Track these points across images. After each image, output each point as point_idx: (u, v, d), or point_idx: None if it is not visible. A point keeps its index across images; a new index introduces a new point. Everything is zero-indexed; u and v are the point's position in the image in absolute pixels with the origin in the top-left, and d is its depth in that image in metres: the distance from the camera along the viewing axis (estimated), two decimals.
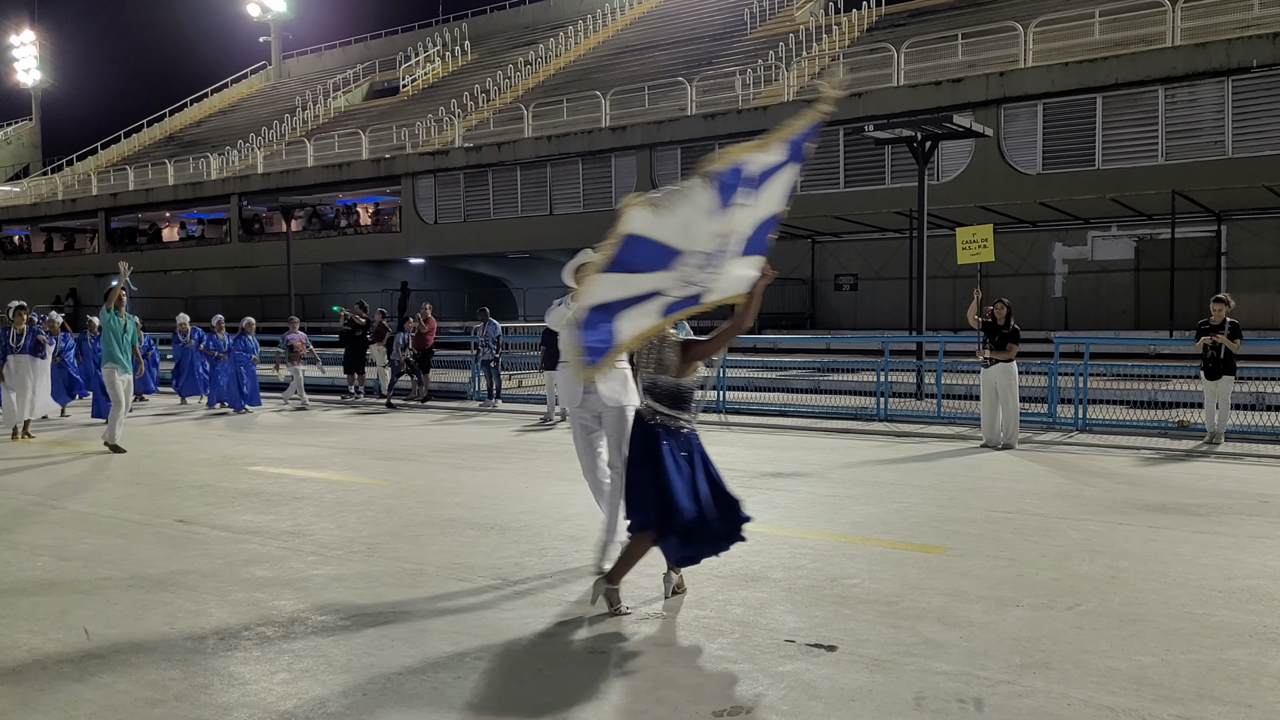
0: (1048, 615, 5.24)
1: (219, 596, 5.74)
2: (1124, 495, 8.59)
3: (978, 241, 13.32)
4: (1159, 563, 6.27)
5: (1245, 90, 22.79)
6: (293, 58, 60.17)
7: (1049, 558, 6.44)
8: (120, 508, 8.43)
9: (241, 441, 12.91)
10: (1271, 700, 4.10)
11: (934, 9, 34.54)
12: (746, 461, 10.68)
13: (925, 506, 8.19)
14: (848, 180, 27.81)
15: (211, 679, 4.47)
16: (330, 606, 5.50)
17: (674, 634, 5.01)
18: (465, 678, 4.44)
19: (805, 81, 31.10)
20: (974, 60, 27.66)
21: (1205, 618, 5.18)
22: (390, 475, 10.06)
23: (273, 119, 48.79)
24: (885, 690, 4.25)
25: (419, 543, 7.02)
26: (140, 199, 44.70)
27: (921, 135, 16.31)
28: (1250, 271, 23.03)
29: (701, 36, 40.19)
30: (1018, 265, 24.77)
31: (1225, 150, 22.96)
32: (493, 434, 13.56)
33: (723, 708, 4.08)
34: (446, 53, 50.66)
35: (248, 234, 41.69)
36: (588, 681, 4.40)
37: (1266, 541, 6.84)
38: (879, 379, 14.94)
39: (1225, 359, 11.57)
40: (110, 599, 5.72)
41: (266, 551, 6.80)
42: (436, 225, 35.92)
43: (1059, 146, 25.01)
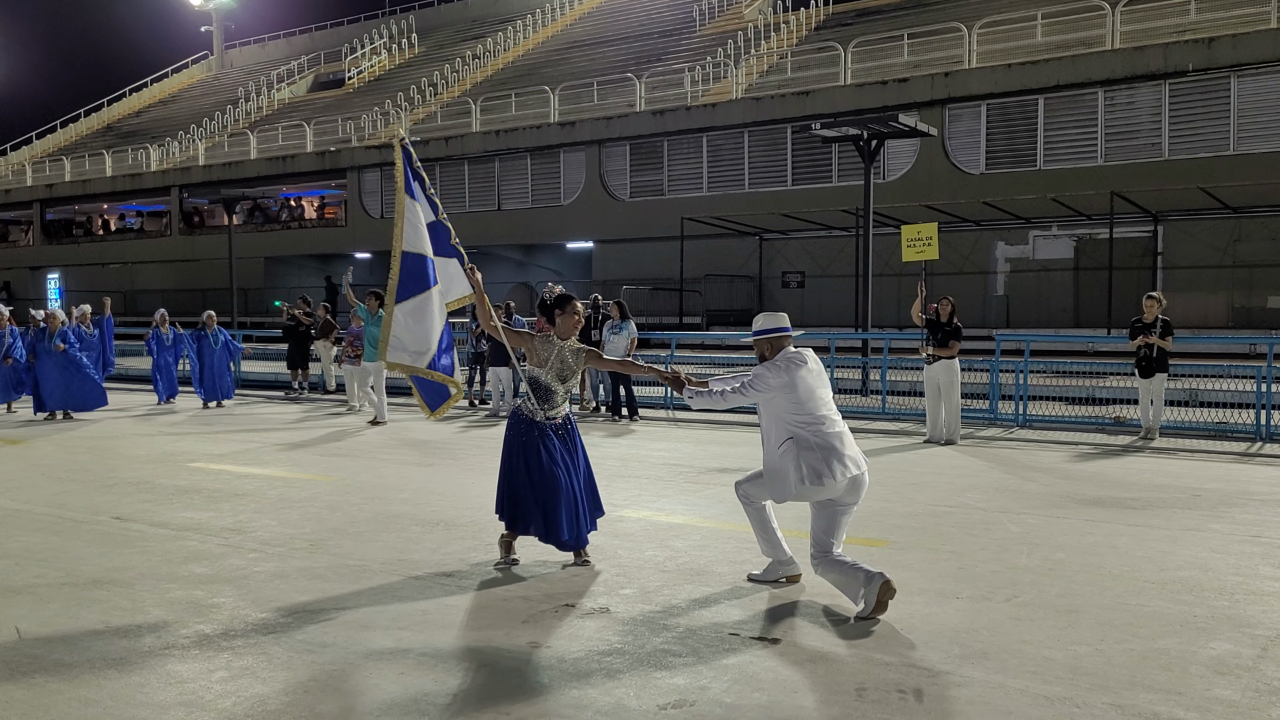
0: (987, 607, 5.33)
1: (156, 594, 5.63)
2: (1062, 489, 8.76)
3: (922, 240, 13.49)
4: (1095, 555, 6.41)
5: (1181, 94, 23.33)
6: (235, 48, 59.13)
7: (989, 551, 6.55)
8: (55, 505, 8.25)
9: (182, 438, 12.69)
10: (1200, 688, 4.21)
11: (880, 9, 34.89)
12: (694, 457, 10.72)
13: (869, 501, 8.25)
14: (795, 178, 28.01)
15: (148, 678, 4.39)
16: (271, 603, 5.43)
17: (619, 628, 5.01)
18: (408, 674, 4.41)
19: (753, 79, 31.26)
20: (919, 60, 27.99)
21: (1139, 608, 5.30)
22: (334, 471, 9.95)
23: (215, 110, 47.93)
24: (827, 681, 4.30)
25: (363, 539, 6.96)
26: (77, 190, 43.72)
27: (868, 134, 16.47)
28: (1185, 271, 23.59)
29: (650, 33, 40.20)
30: (961, 264, 25.14)
31: (1162, 152, 23.49)
32: (439, 430, 13.47)
33: (668, 701, 4.09)
34: (393, 45, 50.12)
35: (188, 227, 40.96)
36: (532, 676, 4.39)
37: (1198, 534, 7.02)
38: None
39: (1158, 357, 11.84)
40: (44, 597, 5.59)
41: (206, 549, 6.69)
42: (383, 219, 35.56)
43: (1002, 147, 25.41)
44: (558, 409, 6.15)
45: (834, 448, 5.31)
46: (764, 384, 5.42)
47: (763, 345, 5.65)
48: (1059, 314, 24.78)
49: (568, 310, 6.18)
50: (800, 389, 5.38)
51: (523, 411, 6.14)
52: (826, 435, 5.34)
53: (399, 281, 6.24)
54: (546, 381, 6.09)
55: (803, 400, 5.38)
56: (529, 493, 5.99)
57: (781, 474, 5.35)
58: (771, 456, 5.45)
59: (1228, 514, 7.69)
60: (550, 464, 5.99)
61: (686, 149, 29.78)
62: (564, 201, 32.05)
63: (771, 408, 5.44)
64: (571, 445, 6.18)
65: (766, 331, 5.65)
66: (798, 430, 5.34)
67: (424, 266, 6.27)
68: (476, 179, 33.56)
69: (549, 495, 5.95)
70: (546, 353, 6.09)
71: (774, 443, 5.43)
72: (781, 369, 5.42)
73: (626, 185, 30.87)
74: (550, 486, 5.95)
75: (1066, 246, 25.29)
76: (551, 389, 6.11)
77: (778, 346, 5.62)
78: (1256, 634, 4.89)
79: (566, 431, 6.19)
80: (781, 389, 5.38)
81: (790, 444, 5.34)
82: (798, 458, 5.30)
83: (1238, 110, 22.78)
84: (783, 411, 5.39)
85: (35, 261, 45.71)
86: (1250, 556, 6.37)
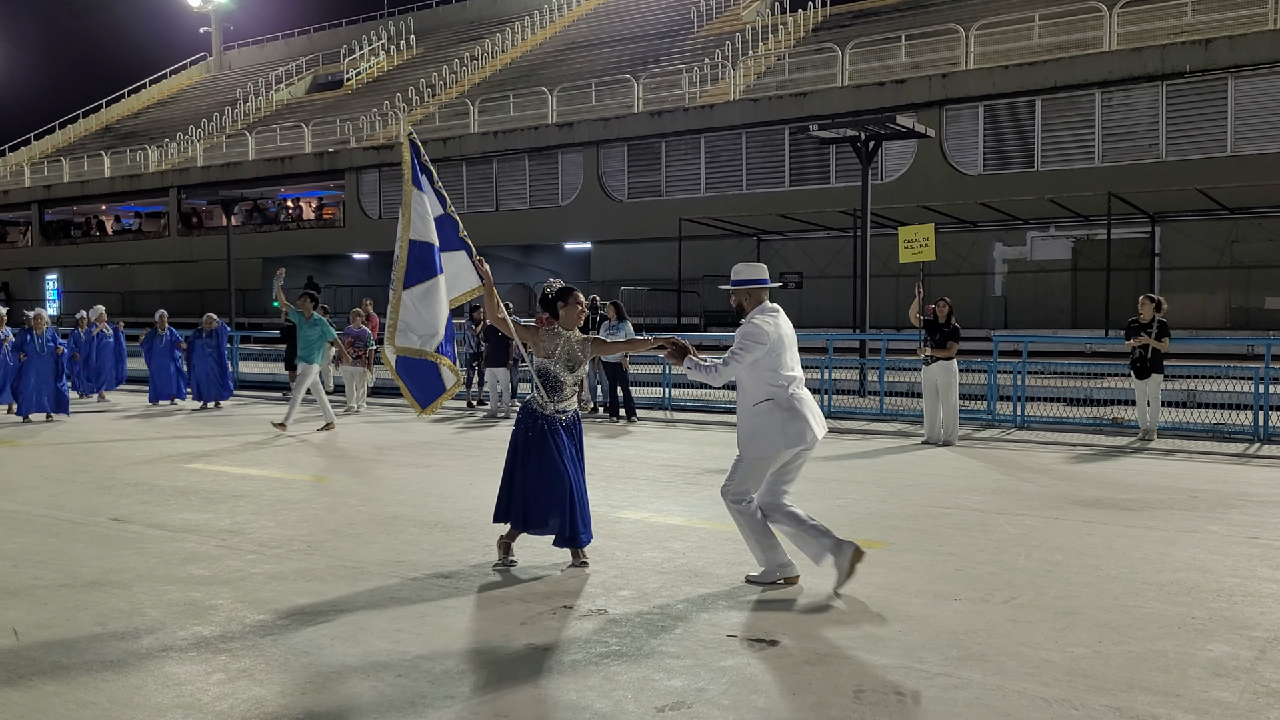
0: (985, 608, 5.33)
1: (154, 596, 5.63)
2: (1060, 491, 8.76)
3: (919, 241, 13.50)
4: (1093, 556, 6.41)
5: (1178, 95, 23.35)
6: (234, 49, 59.11)
7: (987, 552, 6.54)
8: (53, 506, 8.24)
9: (179, 439, 12.68)
10: (1198, 690, 4.21)
11: (878, 10, 34.91)
12: (691, 458, 10.72)
13: (867, 502, 8.29)
14: (793, 179, 28.02)
15: (146, 680, 4.38)
16: (269, 605, 5.43)
17: (617, 630, 5.01)
18: (406, 676, 4.40)
19: (751, 80, 31.27)
20: (917, 62, 28.01)
21: (1136, 610, 5.30)
22: (332, 473, 9.94)
23: (213, 111, 47.90)
24: (825, 683, 4.29)
25: (360, 540, 6.95)
26: (75, 191, 43.68)
27: (865, 135, 16.48)
28: (1182, 272, 23.61)
29: (649, 34, 40.21)
30: (959, 265, 25.15)
31: (1159, 153, 23.51)
32: (437, 431, 13.47)
33: (665, 703, 4.09)
34: (391, 46, 50.12)
35: (187, 228, 40.94)
36: (529, 678, 4.38)
37: (1196, 535, 7.02)
38: (823, 376, 15.07)
39: (1154, 358, 11.86)
40: (41, 599, 5.58)
41: (204, 550, 6.68)
42: (381, 220, 35.57)
43: (999, 148, 25.43)
44: (567, 401, 6.17)
45: (809, 409, 5.59)
46: (748, 354, 5.50)
47: (741, 295, 5.73)
48: (1057, 315, 24.79)
49: (570, 301, 6.21)
50: (780, 353, 5.54)
51: (532, 405, 6.15)
52: (801, 397, 5.59)
53: (406, 268, 6.29)
54: (555, 372, 6.10)
55: (782, 363, 5.56)
56: (540, 490, 5.99)
57: (766, 431, 5.50)
58: (749, 413, 5.57)
59: (1225, 515, 7.70)
60: (560, 459, 6.01)
61: (684, 150, 29.79)
62: (562, 202, 32.05)
63: (753, 367, 5.56)
64: (578, 444, 6.20)
65: (746, 282, 5.71)
66: (777, 392, 5.52)
67: (431, 254, 6.34)
68: (474, 180, 33.56)
69: (561, 491, 5.98)
70: (553, 344, 6.12)
71: (751, 399, 5.56)
72: (762, 337, 5.50)
73: (624, 186, 30.88)
74: (562, 483, 5.98)
75: (1064, 247, 25.31)
76: (560, 379, 6.12)
77: (756, 299, 5.71)
78: (1254, 635, 4.89)
79: (574, 429, 6.21)
80: (766, 354, 5.52)
81: (770, 405, 5.51)
82: (780, 418, 5.49)
83: (1235, 111, 22.81)
84: (763, 371, 5.53)
85: (33, 262, 45.68)
86: (1248, 558, 6.37)
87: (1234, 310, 23.27)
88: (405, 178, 6.39)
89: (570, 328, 6.21)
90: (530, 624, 5.12)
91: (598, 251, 31.56)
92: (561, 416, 6.14)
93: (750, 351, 5.50)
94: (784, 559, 5.77)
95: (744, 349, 5.51)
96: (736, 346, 5.54)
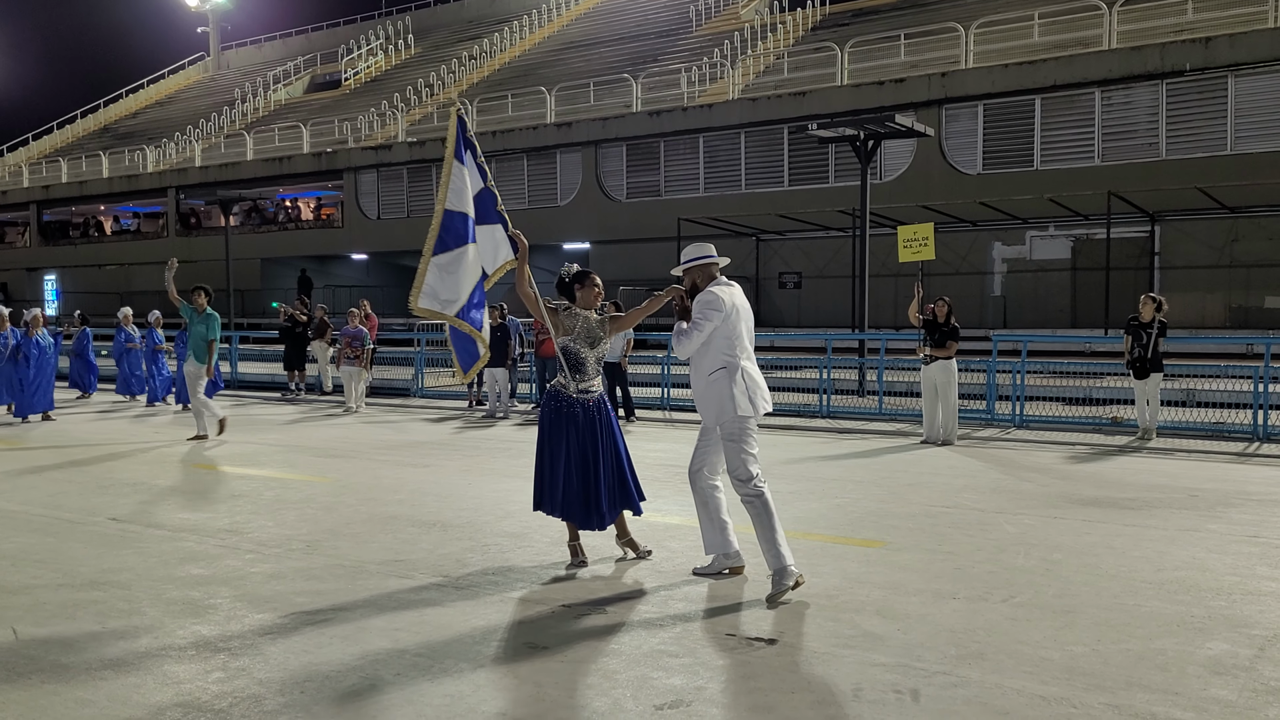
0: (983, 607, 5.32)
1: (153, 595, 5.62)
2: (1059, 490, 8.76)
3: (919, 240, 13.49)
4: (1091, 555, 6.41)
5: (1178, 94, 23.34)
6: (232, 49, 59.06)
7: (985, 551, 6.54)
8: (51, 505, 8.23)
9: (177, 439, 12.67)
10: (1197, 688, 4.21)
11: (877, 9, 34.89)
12: (689, 458, 10.69)
13: (866, 502, 8.28)
14: (792, 179, 28.00)
15: (145, 678, 4.38)
16: (267, 605, 5.42)
17: (615, 629, 5.01)
18: (404, 675, 4.40)
19: (750, 80, 31.26)
20: (916, 61, 28.00)
21: (1135, 608, 5.30)
22: (331, 472, 9.94)
23: (211, 111, 47.88)
24: (824, 682, 4.29)
25: (359, 540, 6.95)
26: (74, 191, 43.64)
27: (864, 135, 16.47)
28: (1182, 271, 23.61)
29: (647, 33, 40.19)
30: (958, 264, 25.14)
31: (1159, 152, 23.49)
32: (436, 430, 13.46)
33: (664, 701, 4.09)
34: (389, 46, 50.09)
35: (185, 228, 40.90)
36: (528, 677, 4.38)
37: (1195, 534, 7.02)
38: (822, 376, 15.07)
39: (1153, 357, 11.87)
40: (40, 598, 5.58)
41: (202, 549, 6.68)
42: (379, 220, 35.56)
43: (999, 147, 25.42)
44: (590, 381, 6.25)
45: (759, 382, 5.78)
46: (708, 322, 5.64)
47: (694, 274, 5.86)
48: (1056, 314, 24.79)
49: (587, 284, 6.34)
50: (736, 323, 5.71)
51: (557, 387, 6.27)
52: (752, 370, 5.78)
53: (438, 237, 6.48)
54: (577, 349, 6.23)
55: (737, 333, 5.72)
56: (570, 480, 6.07)
57: (722, 395, 5.65)
58: (706, 384, 5.72)
59: (1225, 514, 7.70)
60: (585, 445, 6.11)
61: (683, 149, 29.77)
62: (560, 202, 32.04)
63: (709, 338, 5.71)
64: (605, 425, 6.24)
65: (696, 259, 5.85)
66: (729, 360, 5.68)
67: (465, 224, 6.51)
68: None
69: (587, 479, 6.08)
70: (573, 323, 6.25)
71: (705, 370, 5.72)
72: (718, 304, 5.65)
73: (623, 186, 30.87)
74: (587, 471, 6.08)
75: (1064, 247, 25.30)
76: (582, 356, 6.23)
77: (709, 275, 5.84)
78: (1253, 634, 4.89)
79: (601, 410, 6.25)
80: (722, 322, 5.67)
81: (723, 373, 5.67)
82: (735, 384, 5.64)
83: (1235, 110, 22.79)
84: (719, 341, 5.68)
85: (32, 263, 45.64)
86: (1247, 556, 6.37)
87: (1233, 309, 23.27)
88: (448, 150, 6.53)
89: (588, 308, 6.33)
90: (528, 623, 5.11)
91: (596, 251, 31.54)
92: (586, 398, 6.20)
93: (709, 320, 5.65)
94: (732, 549, 5.93)
95: (703, 317, 5.65)
96: (696, 315, 5.69)
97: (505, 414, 15.33)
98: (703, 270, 5.85)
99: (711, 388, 5.70)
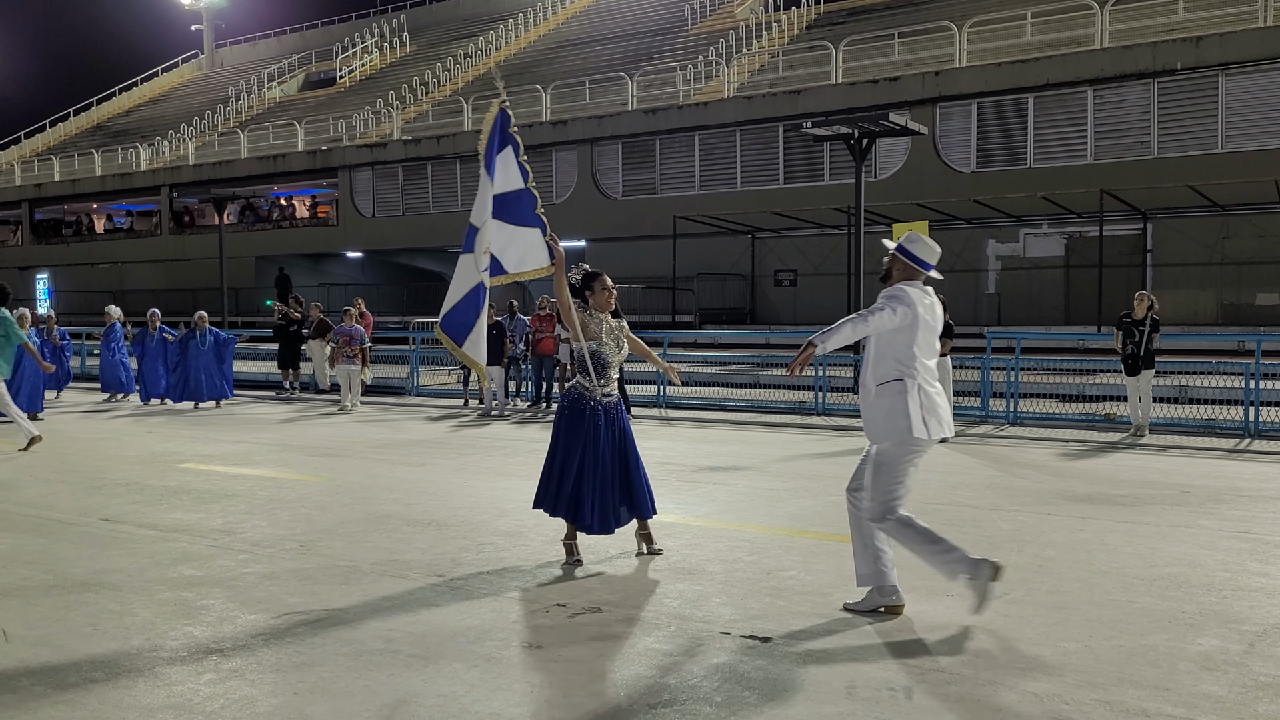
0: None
1: (145, 596, 5.61)
2: (1052, 486, 8.78)
3: None
4: (1084, 552, 6.42)
5: (1170, 92, 23.39)
6: (226, 47, 58.93)
7: (979, 548, 6.52)
8: (43, 506, 8.21)
9: (171, 438, 12.65)
10: (1188, 684, 4.22)
11: (871, 8, 34.91)
12: (686, 456, 10.72)
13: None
14: (787, 177, 28.02)
15: (136, 680, 4.37)
16: (261, 605, 5.42)
17: (610, 628, 5.01)
18: (398, 675, 4.40)
19: (745, 78, 31.26)
20: (910, 59, 28.02)
21: (1127, 605, 5.32)
22: (325, 471, 9.93)
23: (205, 109, 47.75)
24: (817, 680, 4.30)
25: (353, 539, 6.94)
26: (67, 190, 43.53)
27: (859, 133, 16.46)
28: (1174, 269, 23.67)
29: (643, 31, 40.17)
30: (952, 262, 25.16)
31: (1151, 150, 23.54)
32: (431, 429, 13.45)
33: (657, 700, 4.09)
34: (385, 44, 50.00)
35: (179, 226, 40.83)
36: (523, 677, 4.38)
37: (1187, 530, 7.04)
38: (817, 374, 15.08)
39: (1145, 354, 11.90)
40: (31, 600, 5.57)
41: (195, 550, 6.67)
42: (374, 218, 35.52)
43: (992, 145, 25.45)
44: (611, 385, 6.24)
45: (938, 403, 5.13)
46: (888, 315, 5.02)
47: (897, 264, 5.28)
48: (1050, 311, 24.84)
49: (597, 287, 6.28)
50: (919, 333, 5.10)
51: (578, 389, 6.22)
52: (931, 389, 5.13)
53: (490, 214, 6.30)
54: (605, 353, 6.18)
55: (918, 344, 5.11)
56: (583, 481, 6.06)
57: (894, 411, 5.03)
58: (875, 394, 5.12)
59: (1216, 510, 7.72)
60: (599, 447, 6.09)
61: (678, 148, 29.77)
62: (556, 200, 31.99)
63: (885, 339, 5.12)
64: (620, 427, 6.23)
65: (912, 258, 5.25)
66: (906, 373, 5.08)
67: (470, 236, 6.29)
68: (468, 178, 33.44)
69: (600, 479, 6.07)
70: (597, 326, 6.20)
71: (877, 377, 5.13)
72: (908, 301, 5.07)
73: (619, 184, 30.87)
74: (602, 471, 6.07)
75: (1057, 244, 25.35)
76: (609, 360, 6.21)
77: (908, 274, 5.26)
78: (1244, 630, 4.91)
79: (617, 413, 6.25)
80: (904, 329, 5.07)
81: (898, 385, 5.06)
82: (910, 398, 5.02)
83: (1226, 108, 22.85)
84: (898, 348, 5.09)
85: (24, 262, 45.51)
86: (1238, 552, 6.39)
87: (1225, 306, 23.34)
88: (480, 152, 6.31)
89: (603, 310, 6.28)
90: (523, 622, 5.11)
91: (592, 249, 31.52)
92: (608, 401, 6.21)
93: (891, 312, 5.01)
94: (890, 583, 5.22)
95: (883, 308, 5.04)
96: (876, 306, 5.10)
97: (501, 412, 15.32)
98: (906, 268, 5.26)
99: (881, 400, 5.10)
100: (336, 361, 16.44)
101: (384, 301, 34.78)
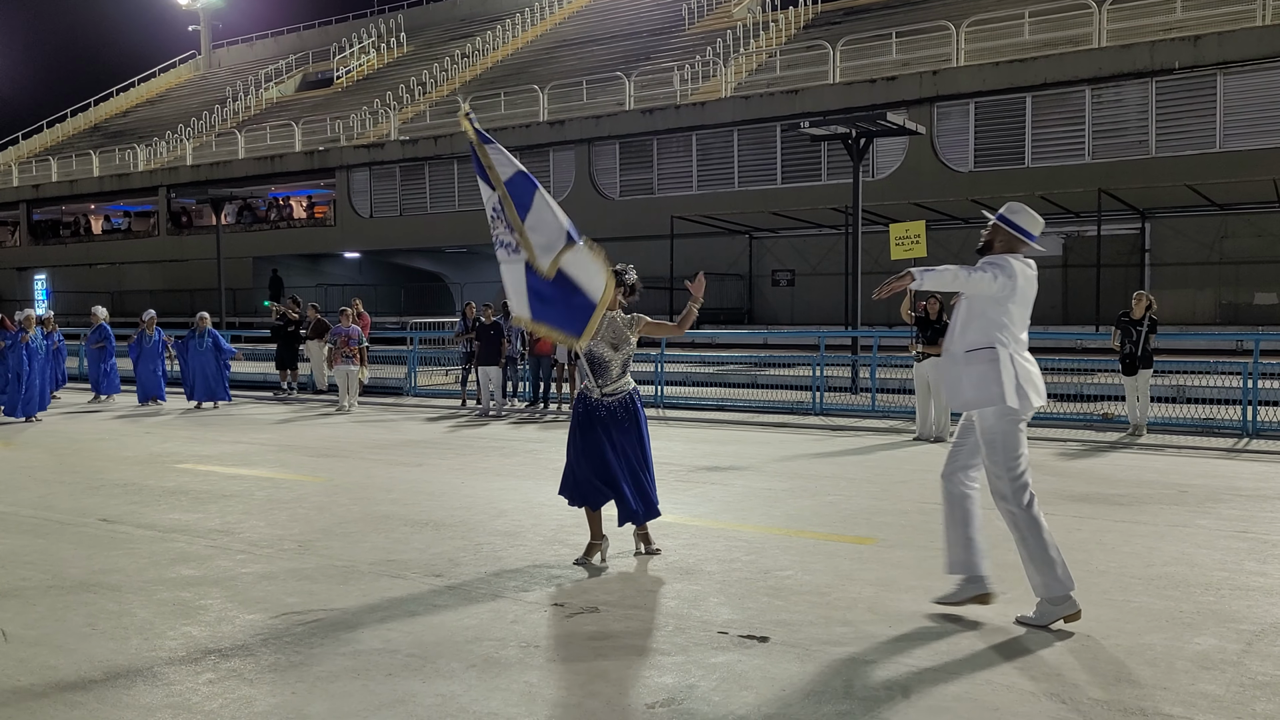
0: (975, 604, 5.33)
1: (143, 596, 5.61)
2: (1050, 486, 8.78)
3: (910, 238, 13.50)
4: (1082, 551, 6.43)
5: (1168, 91, 23.41)
6: (223, 47, 58.85)
7: None
8: (41, 507, 8.21)
9: (169, 439, 12.65)
10: (1185, 683, 4.23)
11: (868, 7, 34.90)
12: (684, 456, 10.72)
13: (858, 499, 8.30)
14: (785, 177, 28.02)
15: (135, 680, 4.37)
16: (259, 605, 5.42)
17: (608, 628, 5.01)
18: (396, 675, 4.40)
19: (742, 78, 31.25)
20: (908, 59, 28.03)
21: (1125, 604, 5.32)
22: (323, 472, 9.92)
23: (202, 110, 47.71)
24: (815, 679, 4.30)
25: (351, 539, 6.94)
26: (64, 190, 43.49)
27: (856, 133, 16.48)
28: (1173, 268, 23.69)
29: (640, 31, 40.16)
30: (949, 261, 25.15)
31: (1149, 150, 23.56)
32: (429, 429, 13.45)
33: (656, 700, 4.09)
34: (382, 44, 49.96)
35: (176, 227, 40.79)
36: (521, 677, 4.38)
37: (1184, 530, 7.05)
38: (815, 374, 15.09)
39: (1143, 354, 11.92)
40: (29, 600, 5.57)
41: (194, 550, 6.67)
42: (372, 219, 35.49)
43: (990, 145, 25.46)
44: (615, 384, 6.20)
45: (1032, 372, 4.98)
46: (990, 276, 4.86)
47: (1000, 234, 5.14)
48: (1047, 311, 24.80)
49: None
50: (1014, 304, 4.96)
51: (584, 391, 6.25)
52: (1026, 357, 5.01)
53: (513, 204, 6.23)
54: (600, 351, 6.16)
55: (1012, 315, 4.97)
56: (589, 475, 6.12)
57: (985, 379, 4.87)
58: (959, 364, 4.98)
59: (1214, 509, 7.73)
60: (604, 446, 6.08)
61: (676, 148, 29.77)
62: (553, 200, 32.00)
63: (979, 305, 4.98)
64: (632, 427, 6.18)
65: (1016, 229, 5.11)
66: (997, 338, 4.93)
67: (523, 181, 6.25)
68: (465, 178, 33.43)
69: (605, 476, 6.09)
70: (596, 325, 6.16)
71: (964, 344, 4.99)
72: (1010, 270, 4.92)
73: (616, 184, 30.86)
74: (608, 469, 6.08)
75: (1055, 244, 25.34)
76: (605, 359, 6.18)
77: (1010, 246, 5.10)
78: (1242, 629, 4.91)
79: (628, 411, 6.21)
80: (1001, 299, 4.92)
81: (988, 352, 4.91)
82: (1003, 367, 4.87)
83: (1224, 107, 22.87)
84: (992, 316, 4.94)
85: (22, 262, 45.47)
86: (1236, 552, 6.40)
87: (1223, 306, 23.36)
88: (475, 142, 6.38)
89: (613, 307, 6.27)
90: (521, 622, 5.11)
91: None
92: (613, 400, 6.17)
93: (993, 278, 4.84)
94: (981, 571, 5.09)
95: (985, 271, 4.87)
96: (978, 267, 4.95)
97: (499, 412, 15.32)
98: (1009, 239, 5.08)
99: (970, 368, 4.91)
100: (334, 362, 16.44)
101: (382, 302, 34.74)
